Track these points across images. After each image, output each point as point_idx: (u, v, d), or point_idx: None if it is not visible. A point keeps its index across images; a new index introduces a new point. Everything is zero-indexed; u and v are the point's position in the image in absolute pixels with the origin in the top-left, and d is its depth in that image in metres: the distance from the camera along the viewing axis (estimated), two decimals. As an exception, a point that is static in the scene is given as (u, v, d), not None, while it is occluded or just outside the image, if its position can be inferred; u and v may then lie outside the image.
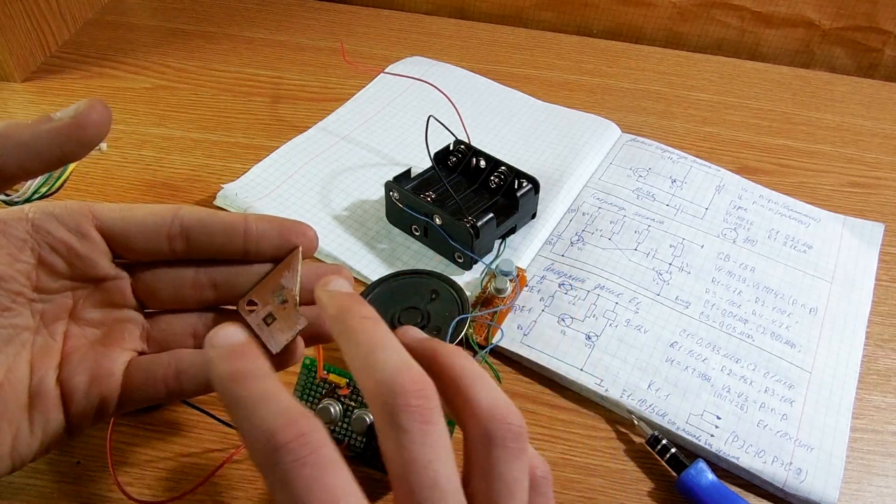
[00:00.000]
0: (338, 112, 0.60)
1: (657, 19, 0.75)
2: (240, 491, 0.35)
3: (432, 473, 0.22)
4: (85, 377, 0.28)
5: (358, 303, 0.26)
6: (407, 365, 0.24)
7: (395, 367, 0.23)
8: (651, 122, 0.63)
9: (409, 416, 0.22)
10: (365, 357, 0.24)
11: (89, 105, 0.26)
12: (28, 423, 0.27)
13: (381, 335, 0.25)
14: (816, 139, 0.63)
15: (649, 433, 0.38)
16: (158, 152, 0.55)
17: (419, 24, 0.73)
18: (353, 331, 0.25)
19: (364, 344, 0.24)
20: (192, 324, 0.31)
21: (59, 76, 0.62)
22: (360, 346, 0.24)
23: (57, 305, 0.29)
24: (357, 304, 0.26)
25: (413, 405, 0.23)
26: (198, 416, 0.38)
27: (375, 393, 0.23)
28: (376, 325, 0.25)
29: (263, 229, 0.30)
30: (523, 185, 0.48)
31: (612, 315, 0.44)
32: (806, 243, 0.51)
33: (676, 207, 0.53)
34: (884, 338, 0.46)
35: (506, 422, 0.24)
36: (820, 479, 0.37)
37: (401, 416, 0.22)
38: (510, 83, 0.65)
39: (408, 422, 0.22)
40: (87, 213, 0.29)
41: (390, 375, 0.23)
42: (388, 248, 0.48)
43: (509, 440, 0.24)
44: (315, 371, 0.36)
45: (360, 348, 0.24)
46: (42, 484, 0.35)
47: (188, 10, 0.72)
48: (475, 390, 0.25)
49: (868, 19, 0.72)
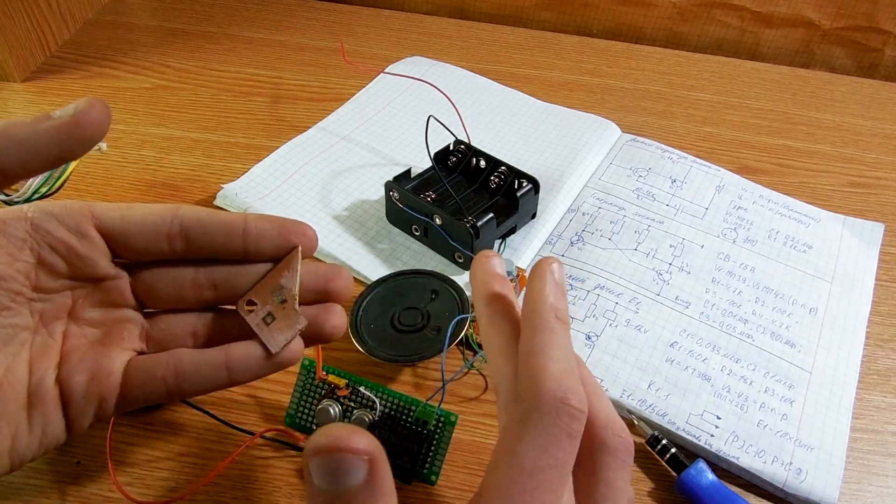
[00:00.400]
0: (338, 112, 0.60)
1: (657, 19, 0.75)
2: (240, 491, 0.35)
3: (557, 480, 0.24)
4: (84, 377, 0.28)
5: (564, 299, 0.27)
6: (577, 384, 0.25)
7: (571, 382, 0.25)
8: (651, 122, 0.63)
9: (561, 424, 0.24)
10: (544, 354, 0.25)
11: (88, 104, 0.26)
12: (27, 422, 0.27)
13: (568, 344, 0.26)
14: (816, 139, 0.63)
15: (649, 433, 0.38)
16: (158, 152, 0.55)
17: (419, 24, 0.73)
18: (545, 330, 0.26)
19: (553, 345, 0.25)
20: (191, 324, 0.31)
21: (59, 76, 0.62)
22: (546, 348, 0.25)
23: (56, 305, 0.29)
24: (563, 301, 0.27)
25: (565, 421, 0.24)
26: (198, 416, 0.38)
27: (542, 387, 0.24)
28: (565, 332, 0.26)
29: (263, 229, 0.30)
30: (523, 185, 0.48)
31: (612, 315, 0.44)
32: (806, 243, 0.51)
33: (676, 207, 0.53)
34: (884, 338, 0.46)
35: (621, 434, 0.27)
36: (820, 479, 0.37)
37: (558, 418, 0.24)
38: (510, 83, 0.65)
39: (559, 428, 0.24)
40: (86, 212, 0.29)
41: (565, 386, 0.24)
42: (388, 248, 0.48)
43: (622, 452, 0.27)
44: (314, 372, 0.36)
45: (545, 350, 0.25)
46: (42, 484, 0.35)
47: (188, 10, 0.72)
48: (595, 399, 0.27)
49: (868, 19, 0.72)
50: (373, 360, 0.40)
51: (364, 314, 0.42)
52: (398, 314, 0.41)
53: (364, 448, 0.21)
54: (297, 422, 0.36)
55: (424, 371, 0.41)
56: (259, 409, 0.39)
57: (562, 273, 0.27)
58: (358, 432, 0.21)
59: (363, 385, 0.36)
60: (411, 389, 0.40)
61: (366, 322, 0.41)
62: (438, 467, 0.35)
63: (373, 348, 0.40)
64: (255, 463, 0.36)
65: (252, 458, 0.36)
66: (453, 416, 0.35)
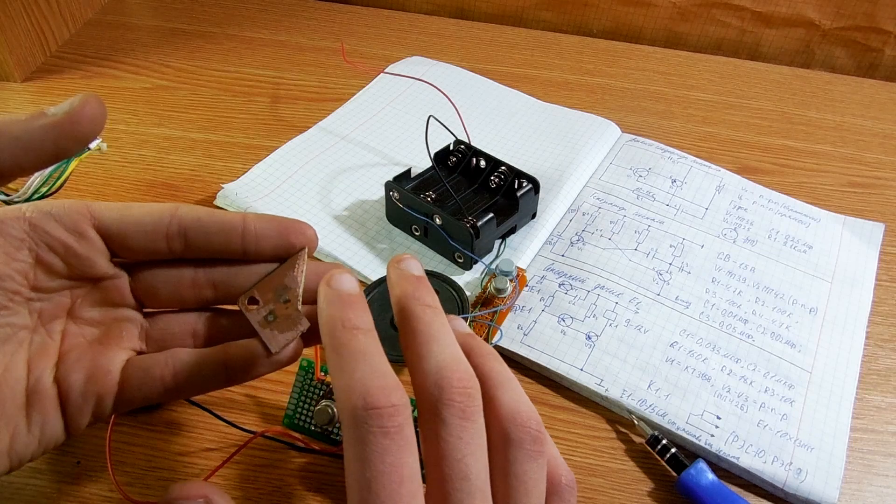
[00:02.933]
0: (338, 112, 0.60)
1: (657, 19, 0.75)
2: (240, 491, 0.35)
3: (464, 467, 0.24)
4: (82, 376, 0.28)
5: (424, 290, 0.27)
6: (456, 360, 0.25)
7: (445, 361, 0.25)
8: (651, 122, 0.63)
9: (451, 409, 0.24)
10: (419, 346, 0.25)
11: (83, 100, 0.26)
12: (25, 422, 0.27)
13: (437, 327, 0.26)
14: (816, 139, 0.63)
15: (649, 433, 0.38)
16: (158, 152, 0.55)
17: (419, 24, 0.73)
18: (411, 318, 0.26)
19: (420, 333, 0.25)
20: (190, 323, 0.31)
21: (59, 76, 0.62)
22: (416, 336, 0.25)
23: (55, 304, 0.29)
24: (423, 291, 0.27)
25: (456, 400, 0.24)
26: (198, 416, 0.38)
27: (423, 382, 0.24)
28: (435, 316, 0.26)
29: (262, 228, 0.30)
30: (523, 185, 0.48)
31: (612, 315, 0.44)
32: (806, 243, 0.51)
33: (676, 207, 0.53)
34: (884, 338, 0.46)
35: (525, 425, 0.26)
36: (820, 479, 0.37)
37: (443, 409, 0.24)
38: (510, 83, 0.65)
39: (449, 415, 0.24)
40: (84, 212, 0.29)
41: (440, 368, 0.24)
42: (388, 248, 0.48)
43: (527, 442, 0.25)
44: (312, 372, 0.36)
45: (415, 337, 0.25)
46: (42, 484, 0.35)
47: (188, 10, 0.72)
48: (500, 392, 0.26)
49: (868, 19, 0.72)
50: (372, 360, 0.40)
51: (364, 314, 0.42)
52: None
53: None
54: (295, 423, 0.36)
55: (424, 371, 0.41)
56: (258, 410, 0.39)
57: (413, 264, 0.28)
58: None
59: (363, 385, 0.36)
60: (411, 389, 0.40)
61: (365, 322, 0.41)
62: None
63: (372, 348, 0.40)
64: (254, 463, 0.36)
65: (252, 458, 0.36)
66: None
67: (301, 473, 0.36)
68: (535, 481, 0.25)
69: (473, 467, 0.24)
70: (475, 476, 0.24)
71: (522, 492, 0.25)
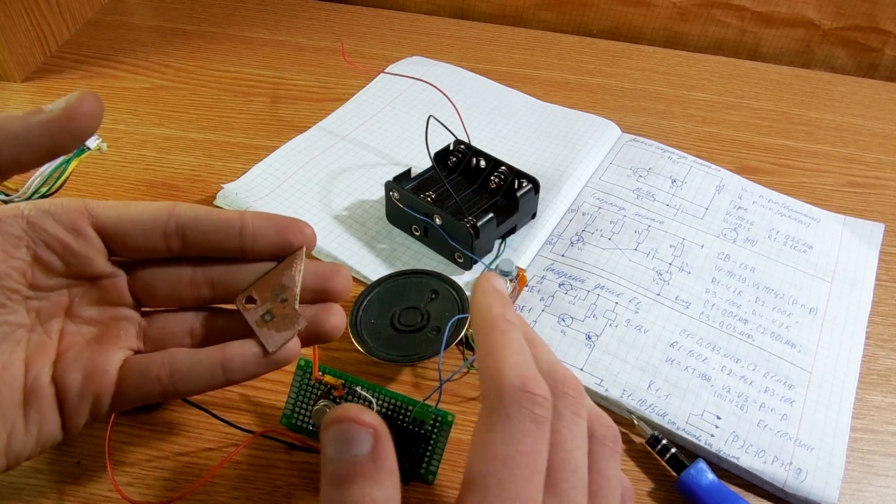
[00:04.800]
0: (338, 112, 0.60)
1: (657, 19, 0.75)
2: (240, 491, 0.35)
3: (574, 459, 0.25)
4: (79, 375, 0.28)
5: (508, 305, 0.28)
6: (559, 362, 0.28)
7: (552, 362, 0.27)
8: (651, 122, 0.63)
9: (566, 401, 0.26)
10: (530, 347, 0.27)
11: (80, 97, 0.26)
12: (23, 421, 0.27)
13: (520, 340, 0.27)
14: (816, 139, 0.63)
15: (649, 433, 0.38)
16: (158, 152, 0.55)
17: (419, 24, 0.73)
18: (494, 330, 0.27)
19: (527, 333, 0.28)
20: (188, 323, 0.31)
21: (59, 76, 0.62)
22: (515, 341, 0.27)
23: (53, 303, 0.29)
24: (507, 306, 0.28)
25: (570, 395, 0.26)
26: (197, 416, 0.38)
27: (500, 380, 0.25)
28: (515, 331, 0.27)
29: (260, 226, 0.30)
30: (523, 185, 0.48)
31: (612, 315, 0.44)
32: (806, 243, 0.51)
33: (676, 207, 0.53)
34: (884, 338, 0.46)
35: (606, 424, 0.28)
36: (820, 479, 0.37)
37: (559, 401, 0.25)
38: (510, 83, 0.65)
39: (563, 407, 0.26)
40: (83, 210, 0.29)
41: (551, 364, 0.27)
42: (388, 248, 0.48)
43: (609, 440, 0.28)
44: (310, 372, 0.36)
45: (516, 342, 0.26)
46: (41, 484, 0.35)
47: (188, 10, 0.72)
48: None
49: (868, 19, 0.72)
50: (372, 360, 0.40)
51: (364, 314, 0.42)
52: (398, 314, 0.41)
53: (370, 422, 0.23)
54: (293, 423, 0.36)
55: (424, 371, 0.41)
56: (256, 410, 0.38)
57: (500, 283, 0.29)
58: (366, 410, 0.23)
59: (360, 385, 0.36)
60: (411, 389, 0.40)
61: (366, 322, 0.41)
62: (436, 467, 0.35)
63: (373, 348, 0.40)
64: (253, 463, 0.36)
65: (251, 457, 0.36)
66: (450, 415, 0.35)
67: (299, 473, 0.36)
68: (617, 478, 0.27)
69: (582, 462, 0.25)
70: (582, 472, 0.25)
71: (608, 487, 0.26)
